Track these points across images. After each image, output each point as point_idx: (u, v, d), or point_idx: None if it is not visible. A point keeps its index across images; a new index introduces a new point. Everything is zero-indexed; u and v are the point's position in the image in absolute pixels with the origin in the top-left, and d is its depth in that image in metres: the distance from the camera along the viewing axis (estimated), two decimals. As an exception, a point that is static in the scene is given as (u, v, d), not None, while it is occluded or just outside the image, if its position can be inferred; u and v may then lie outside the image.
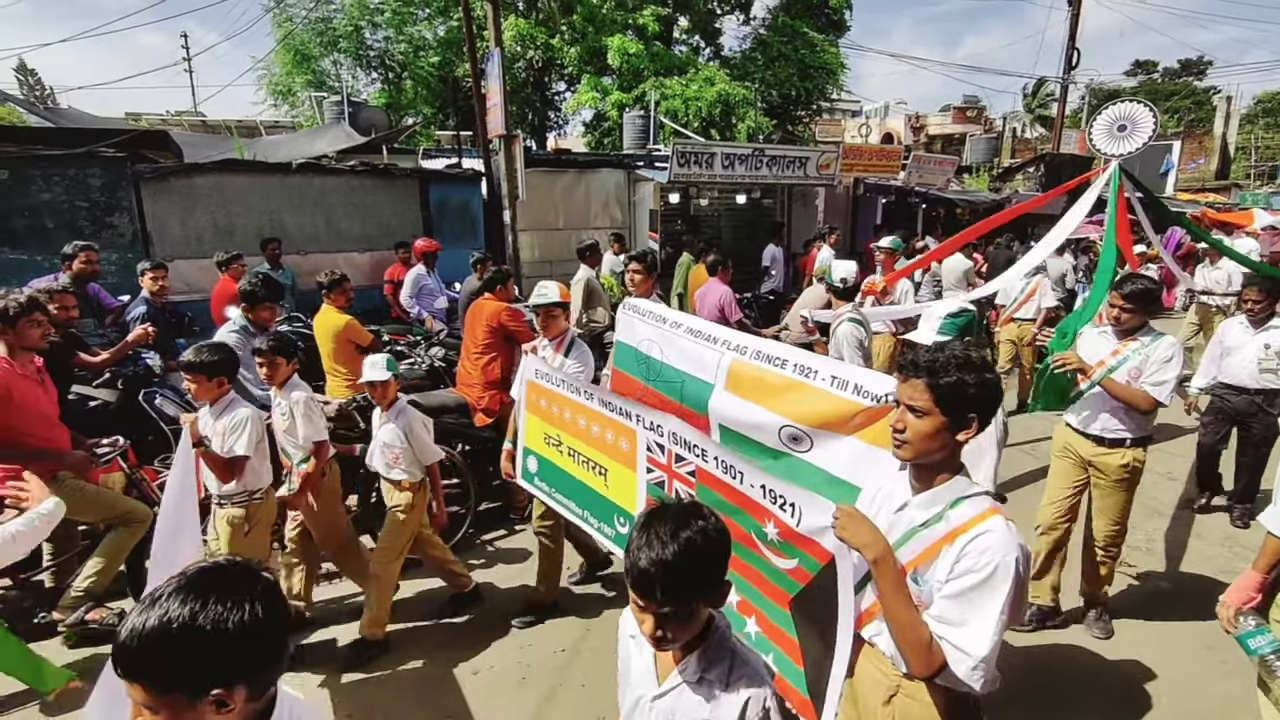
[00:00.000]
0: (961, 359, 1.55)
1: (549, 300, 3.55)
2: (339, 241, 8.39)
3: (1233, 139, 28.51)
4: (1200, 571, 4.13)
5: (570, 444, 2.93)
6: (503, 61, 8.70)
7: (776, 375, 2.59)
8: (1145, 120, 4.81)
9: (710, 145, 10.60)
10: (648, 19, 16.17)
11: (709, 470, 2.13)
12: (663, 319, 3.30)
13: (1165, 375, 3.08)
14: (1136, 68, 41.73)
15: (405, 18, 17.59)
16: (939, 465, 1.61)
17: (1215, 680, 3.14)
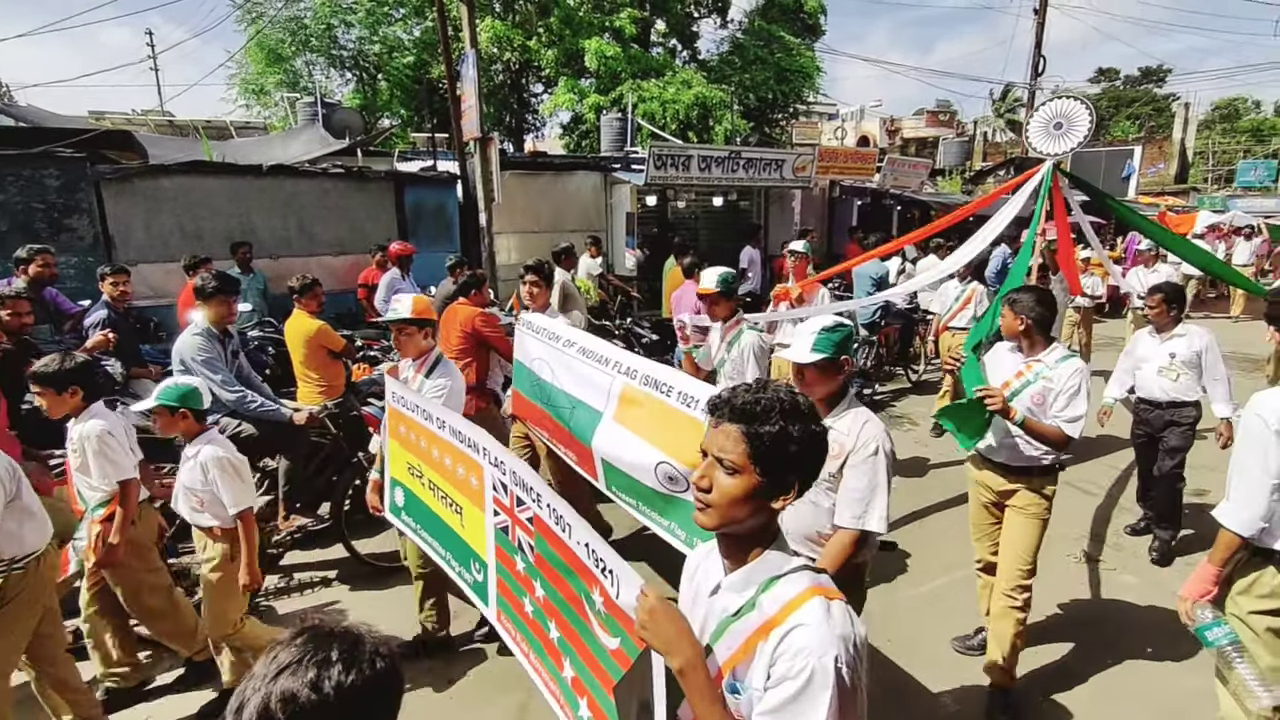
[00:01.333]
0: (788, 403, 1.23)
1: (399, 316, 3.03)
2: (311, 245, 8.27)
3: (1191, 144, 29.36)
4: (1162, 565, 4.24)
5: (430, 476, 2.58)
6: (478, 63, 8.65)
7: (661, 404, 2.36)
8: (1081, 118, 4.65)
9: (687, 148, 10.64)
10: (625, 22, 16.20)
11: (544, 519, 1.81)
12: (556, 336, 3.03)
13: (1077, 410, 2.84)
14: (1100, 75, 42.80)
15: (379, 18, 17.41)
16: (751, 537, 1.27)
17: (1180, 674, 3.22)
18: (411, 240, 8.49)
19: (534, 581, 1.88)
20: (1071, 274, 5.98)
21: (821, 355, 2.17)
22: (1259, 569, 2.27)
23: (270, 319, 6.52)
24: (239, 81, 18.08)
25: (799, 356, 2.20)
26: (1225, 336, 10.14)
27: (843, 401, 2.25)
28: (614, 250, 10.44)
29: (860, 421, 2.19)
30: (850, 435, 2.16)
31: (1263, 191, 26.45)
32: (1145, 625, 3.60)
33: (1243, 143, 35.48)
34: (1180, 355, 4.25)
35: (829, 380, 2.21)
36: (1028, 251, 4.54)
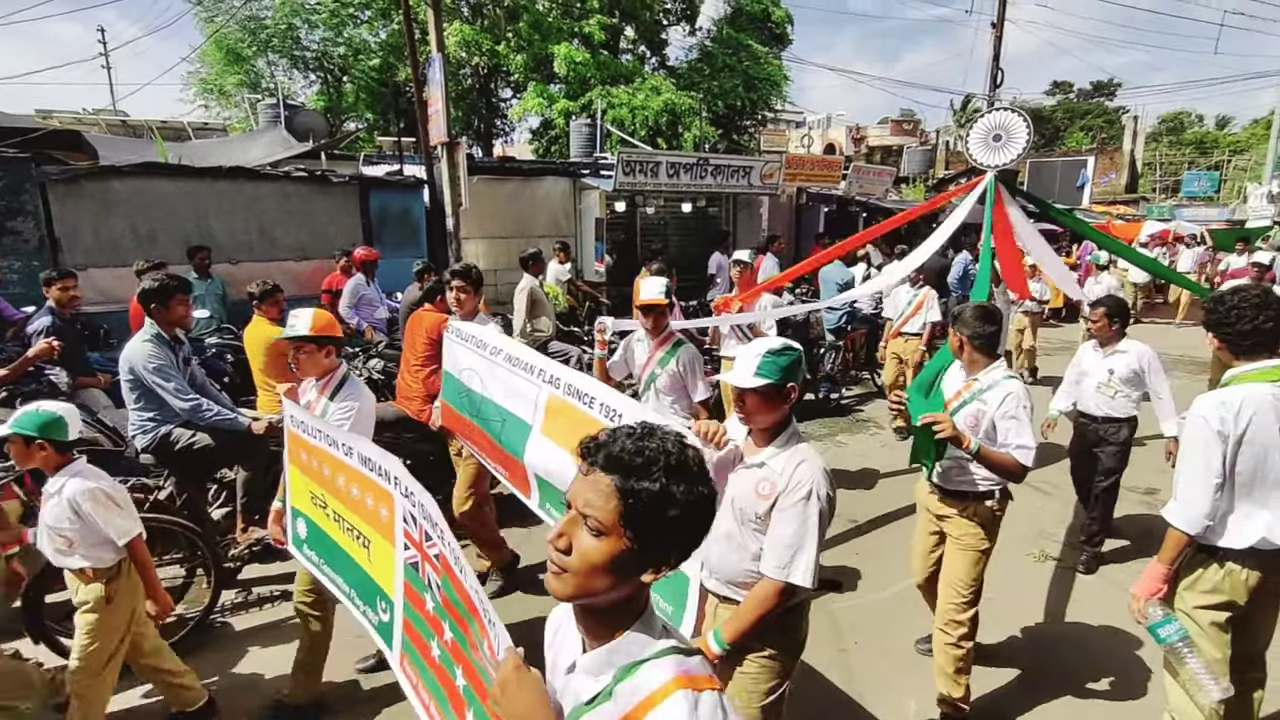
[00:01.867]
0: (675, 457, 1.02)
1: (295, 333, 2.72)
2: (273, 250, 8.09)
3: (1140, 155, 30.53)
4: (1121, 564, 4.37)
5: (334, 506, 2.37)
6: (445, 67, 8.56)
7: (584, 416, 2.22)
8: (1020, 129, 4.63)
9: (655, 154, 10.69)
10: (594, 28, 16.24)
11: (447, 557, 1.65)
12: (483, 344, 2.84)
13: (1024, 437, 2.69)
14: (1055, 87, 44.21)
15: (343, 19, 17.16)
16: (613, 612, 1.05)
17: (1134, 668, 3.32)
18: (377, 245, 8.37)
19: (443, 624, 1.69)
20: (1018, 280, 6.06)
21: (765, 380, 1.93)
22: (1203, 565, 2.35)
23: (229, 325, 6.35)
24: (196, 81, 17.63)
25: (740, 380, 1.96)
26: (1173, 341, 10.63)
27: (783, 434, 2.02)
28: (583, 256, 10.43)
29: (795, 461, 1.96)
30: (783, 475, 1.95)
31: (1206, 201, 27.62)
32: (1102, 621, 3.70)
33: (1187, 154, 37.03)
34: (1119, 372, 4.19)
35: (772, 409, 1.98)
36: (987, 260, 4.51)
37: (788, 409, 2.02)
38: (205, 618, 3.49)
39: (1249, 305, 2.28)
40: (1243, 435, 2.24)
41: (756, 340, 2.08)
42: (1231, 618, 2.36)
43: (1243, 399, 2.25)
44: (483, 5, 17.62)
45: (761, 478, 1.97)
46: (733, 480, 2.05)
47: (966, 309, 2.91)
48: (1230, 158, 35.15)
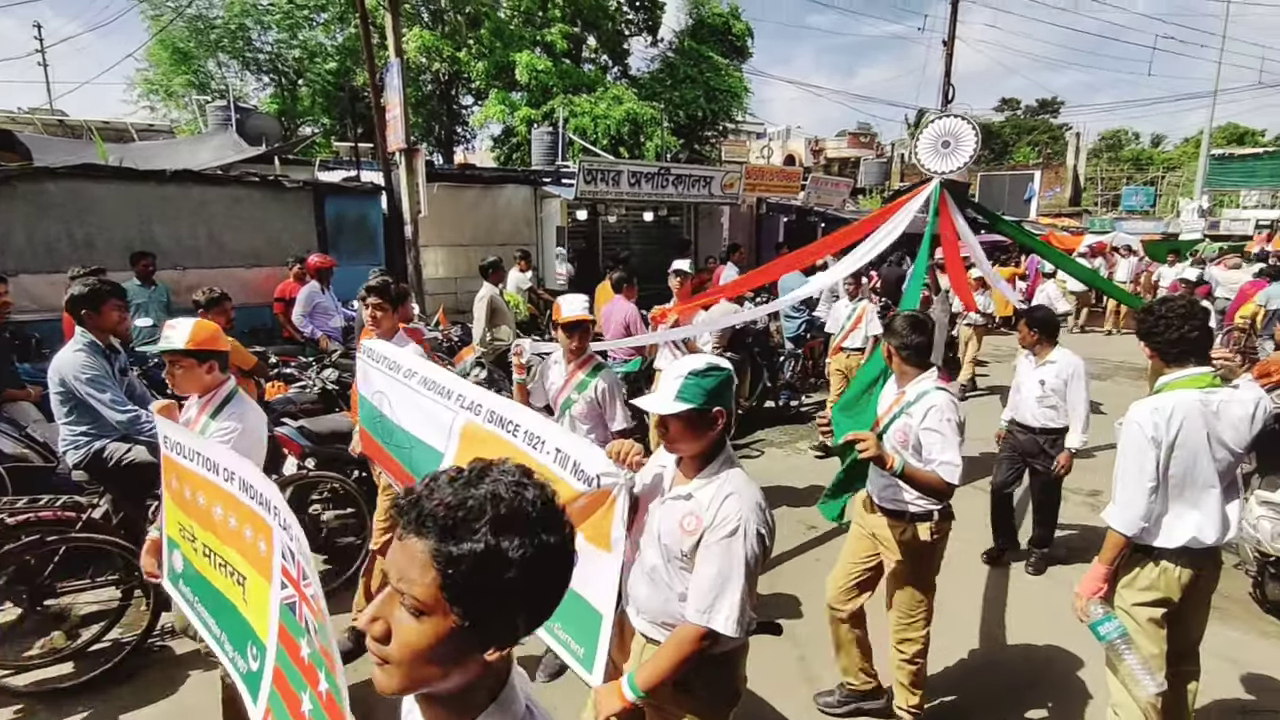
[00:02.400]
0: (508, 505, 0.82)
1: (170, 346, 2.45)
2: (222, 256, 7.84)
3: (1082, 170, 31.90)
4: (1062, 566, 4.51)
5: (205, 539, 2.16)
6: (404, 73, 8.45)
7: (507, 445, 2.08)
8: (968, 136, 4.58)
9: (617, 163, 10.73)
10: (556, 36, 16.25)
11: (315, 599, 1.53)
12: (396, 365, 2.66)
13: (948, 453, 2.56)
14: (1003, 104, 46.00)
15: (298, 21, 16.80)
16: (460, 700, 0.89)
17: (1079, 664, 3.43)
18: (333, 252, 8.18)
19: (318, 673, 1.54)
20: (964, 291, 6.20)
21: (687, 405, 1.75)
22: (1140, 565, 2.45)
23: (173, 335, 6.11)
24: (141, 81, 17.02)
25: (659, 406, 1.78)
26: (1114, 348, 11.10)
27: (713, 463, 1.84)
28: (544, 264, 10.38)
29: (724, 493, 1.77)
30: (709, 509, 1.76)
31: (1143, 215, 28.98)
32: (1050, 620, 3.81)
33: (1125, 170, 38.85)
34: (1049, 383, 4.20)
35: (697, 436, 1.80)
36: (920, 271, 4.48)
37: (716, 435, 1.82)
38: (143, 642, 3.33)
39: (1175, 316, 2.39)
40: (1174, 440, 2.34)
41: (682, 359, 1.89)
42: (1166, 614, 2.46)
43: (1174, 405, 2.35)
44: (443, 11, 17.47)
45: (687, 511, 1.80)
46: (658, 512, 1.88)
47: (896, 318, 2.82)
48: (1164, 174, 37.00)
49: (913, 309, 3.99)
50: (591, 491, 1.84)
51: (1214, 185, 29.24)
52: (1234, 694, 3.23)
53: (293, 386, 5.37)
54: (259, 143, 10.46)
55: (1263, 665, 3.42)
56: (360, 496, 4.32)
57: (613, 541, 1.85)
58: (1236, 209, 31.25)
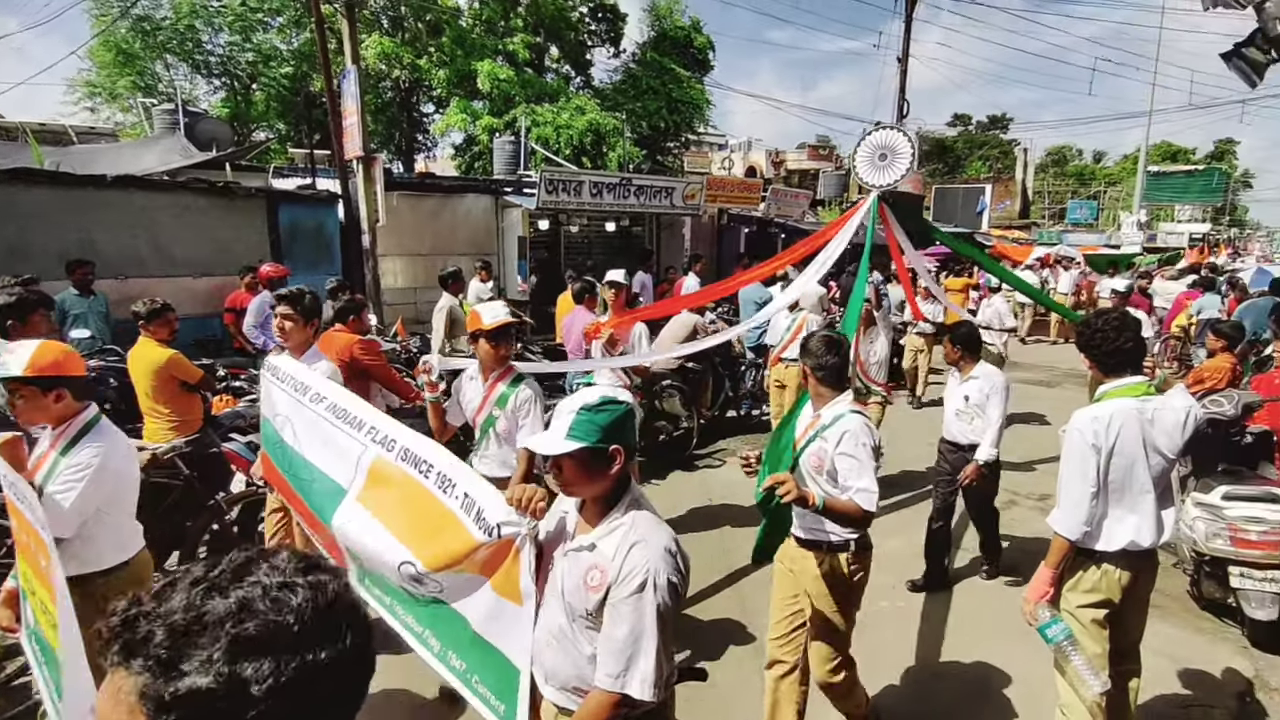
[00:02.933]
0: (265, 617, 0.62)
1: (9, 374, 2.15)
2: (168, 265, 7.57)
3: (1030, 184, 33.17)
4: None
5: (32, 585, 2.02)
6: (360, 79, 8.32)
7: (417, 486, 1.90)
8: (904, 148, 4.53)
9: (579, 173, 10.73)
10: (518, 46, 16.21)
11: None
12: (304, 387, 2.39)
13: (863, 479, 2.44)
14: (956, 119, 47.53)
15: (251, 24, 16.40)
16: None
17: (1029, 666, 3.52)
18: (287, 262, 7.99)
19: None
20: (912, 301, 6.33)
21: (579, 444, 1.59)
22: (1083, 568, 2.53)
23: (114, 347, 5.87)
24: (83, 82, 16.38)
25: (548, 445, 1.62)
26: (1060, 357, 11.50)
27: (617, 507, 1.67)
28: (505, 274, 10.30)
29: (629, 542, 1.59)
30: (614, 561, 1.59)
31: (1088, 228, 30.27)
32: (999, 623, 3.90)
33: (1070, 185, 40.53)
34: (973, 398, 4.13)
35: (594, 478, 1.64)
36: (861, 285, 4.38)
37: (616, 475, 1.65)
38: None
39: (1111, 328, 2.49)
40: (1113, 447, 2.43)
41: (580, 392, 1.72)
42: (1108, 614, 2.54)
43: (1112, 413, 2.44)
44: (403, 19, 17.28)
45: (591, 564, 1.63)
46: (562, 564, 1.71)
47: (811, 338, 2.68)
48: (1106, 189, 38.74)
49: (854, 323, 4.01)
50: (492, 542, 1.70)
51: (1151, 200, 30.74)
52: (1174, 689, 3.35)
53: (242, 400, 5.21)
54: (209, 148, 10.16)
55: (1200, 661, 3.57)
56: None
57: (523, 594, 1.72)
58: (1172, 223, 32.92)
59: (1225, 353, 5.36)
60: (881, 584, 4.12)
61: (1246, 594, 3.64)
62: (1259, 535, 3.62)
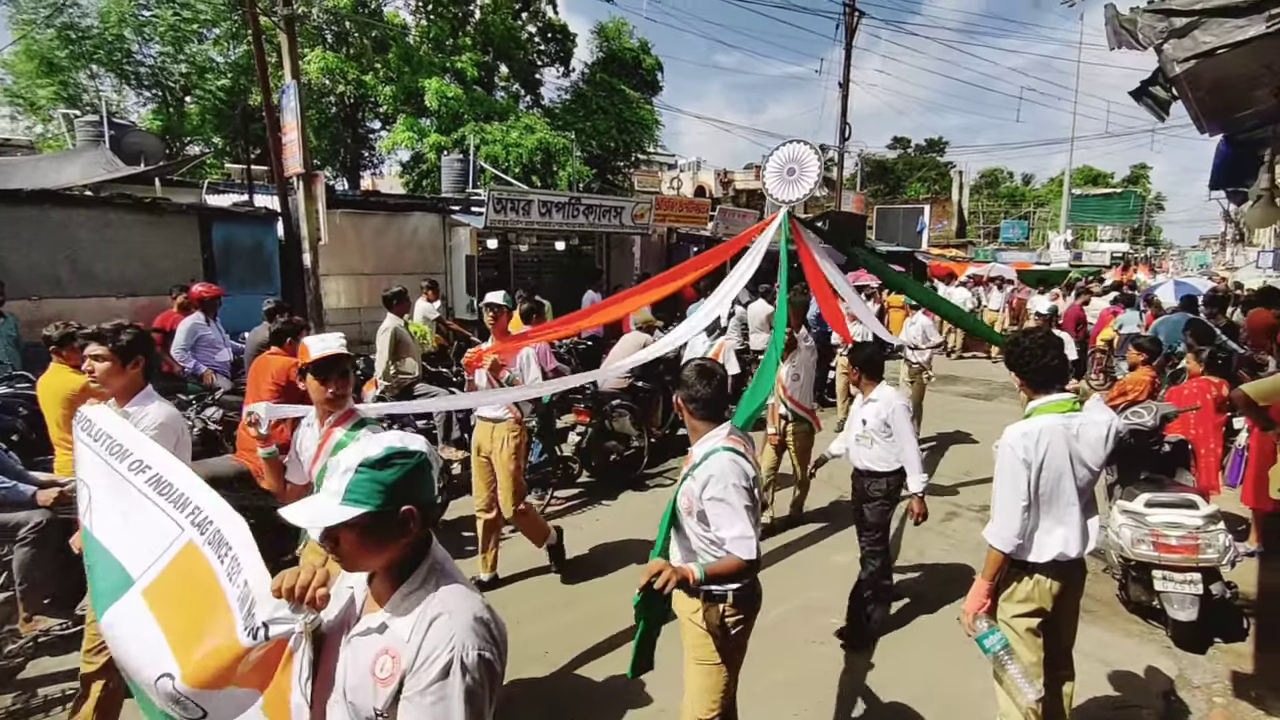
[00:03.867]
0: None
1: None
2: (88, 285, 7.16)
3: (966, 205, 34.73)
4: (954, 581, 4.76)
5: None
6: (302, 94, 8.11)
7: (211, 574, 1.52)
8: (811, 162, 4.42)
9: (528, 192, 10.69)
10: (467, 64, 16.12)
11: None
12: (123, 451, 1.88)
13: (736, 525, 2.21)
14: (895, 142, 49.49)
15: (185, 35, 15.84)
16: None
17: (970, 677, 3.59)
18: (222, 281, 7.68)
19: None
20: (838, 323, 5.70)
21: (360, 509, 1.27)
22: (1017, 579, 2.62)
23: (24, 373, 5.51)
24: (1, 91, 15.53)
25: (318, 516, 1.29)
26: (999, 371, 11.95)
27: (414, 577, 1.36)
28: (453, 293, 10.14)
29: (428, 618, 1.29)
30: (410, 644, 1.28)
31: (1020, 246, 31.86)
32: (937, 633, 3.99)
33: (1003, 206, 42.63)
34: (870, 422, 3.94)
35: (383, 547, 1.32)
36: (783, 304, 4.19)
37: (411, 540, 1.35)
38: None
39: (1037, 347, 2.60)
40: (1043, 461, 2.52)
41: (351, 448, 1.36)
42: (1042, 623, 2.63)
43: (1040, 429, 2.54)
44: (347, 34, 16.99)
45: (381, 649, 1.31)
46: (346, 654, 1.37)
47: (685, 366, 2.49)
48: (1035, 209, 40.88)
49: (778, 348, 3.82)
50: (260, 645, 1.34)
51: (1076, 220, 32.58)
52: (1105, 692, 3.48)
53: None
54: (136, 161, 9.72)
55: (1129, 663, 3.72)
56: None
57: (293, 713, 1.36)
58: (1095, 241, 34.98)
59: (1145, 366, 5.66)
60: (828, 598, 4.18)
61: (1169, 596, 3.82)
62: (1178, 540, 3.81)
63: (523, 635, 3.71)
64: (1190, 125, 4.54)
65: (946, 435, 8.20)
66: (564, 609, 4.26)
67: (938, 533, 5.48)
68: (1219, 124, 5.11)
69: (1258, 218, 5.04)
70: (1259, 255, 24.23)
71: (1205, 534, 3.79)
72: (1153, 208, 47.55)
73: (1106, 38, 2.70)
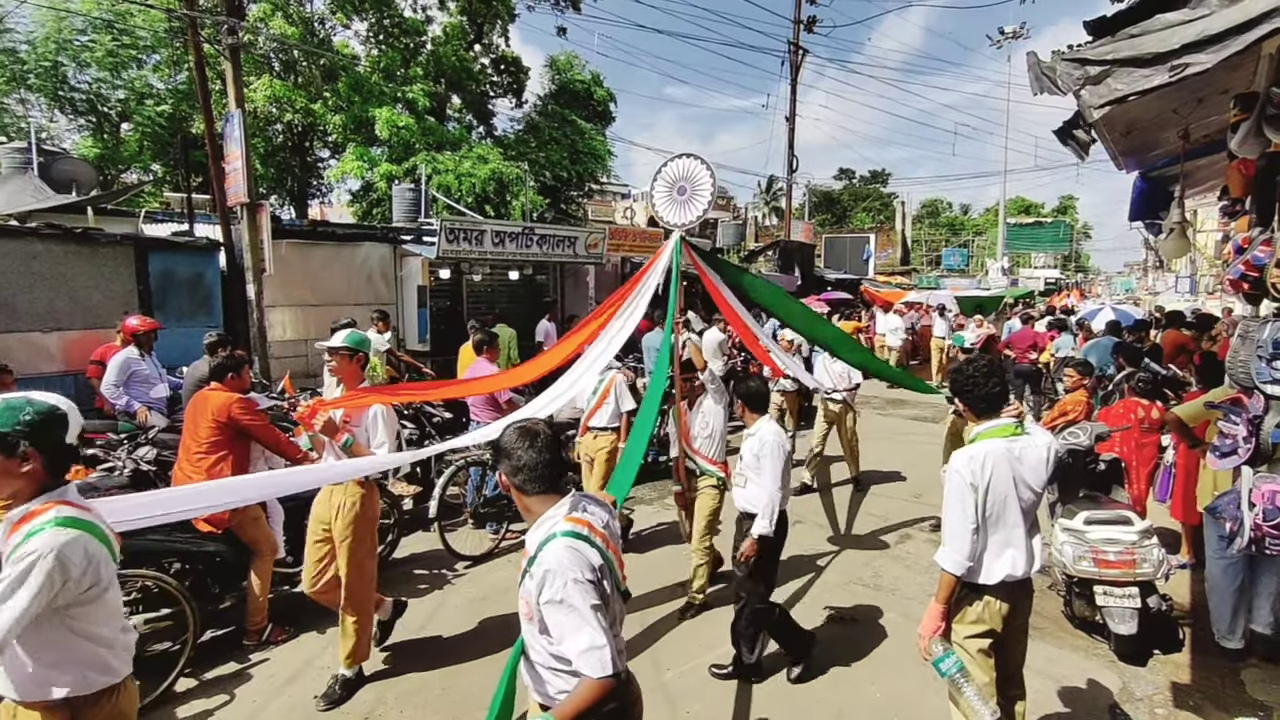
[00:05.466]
0: None
1: None
2: (11, 320, 6.77)
3: (909, 234, 36.13)
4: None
5: None
6: (245, 124, 7.95)
7: None
8: (703, 179, 3.97)
9: (480, 222, 10.65)
10: (418, 94, 16.08)
11: None
12: None
13: (580, 636, 1.74)
14: (841, 173, 51.39)
15: (123, 60, 15.38)
16: None
17: (929, 698, 3.64)
18: (161, 314, 7.39)
19: None
20: (761, 354, 5.24)
21: None
22: (968, 601, 2.68)
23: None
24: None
25: None
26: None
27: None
28: (405, 324, 9.96)
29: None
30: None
31: (961, 273, 33.20)
32: (895, 655, 4.04)
33: (943, 234, 44.50)
34: (745, 458, 3.69)
35: None
36: (666, 347, 3.83)
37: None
38: None
39: (980, 375, 2.71)
40: (988, 484, 2.61)
41: None
42: (993, 644, 2.69)
43: (985, 453, 2.63)
44: (295, 62, 16.77)
45: None
46: None
47: (505, 432, 1.99)
48: (974, 238, 42.79)
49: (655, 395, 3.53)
50: None
51: (1011, 248, 34.21)
52: (1055, 708, 3.57)
53: (97, 470, 4.66)
54: (68, 190, 9.32)
55: (1076, 678, 3.83)
56: (183, 593, 3.77)
57: None
58: (1030, 268, 36.78)
59: (1080, 387, 5.94)
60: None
61: (1110, 610, 3.96)
62: (1116, 555, 3.97)
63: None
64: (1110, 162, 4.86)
65: (897, 458, 8.40)
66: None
67: (892, 556, 5.57)
68: (1135, 161, 5.50)
69: (1171, 249, 5.39)
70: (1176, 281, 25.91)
71: (1140, 549, 3.97)
72: (1081, 236, 50.39)
73: (1029, 83, 2.88)
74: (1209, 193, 5.89)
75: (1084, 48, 2.67)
